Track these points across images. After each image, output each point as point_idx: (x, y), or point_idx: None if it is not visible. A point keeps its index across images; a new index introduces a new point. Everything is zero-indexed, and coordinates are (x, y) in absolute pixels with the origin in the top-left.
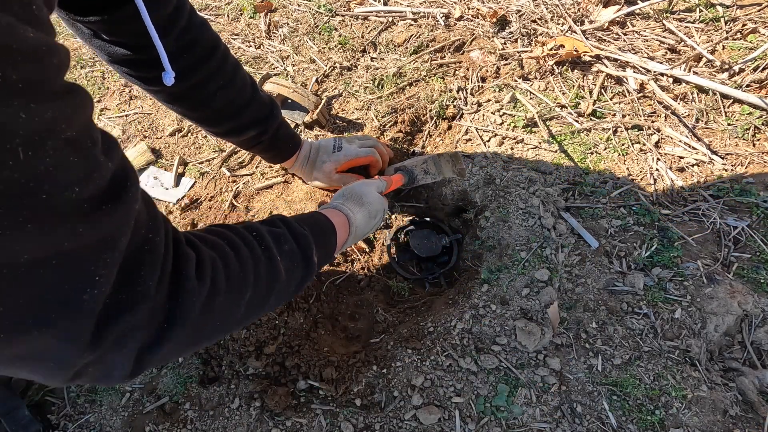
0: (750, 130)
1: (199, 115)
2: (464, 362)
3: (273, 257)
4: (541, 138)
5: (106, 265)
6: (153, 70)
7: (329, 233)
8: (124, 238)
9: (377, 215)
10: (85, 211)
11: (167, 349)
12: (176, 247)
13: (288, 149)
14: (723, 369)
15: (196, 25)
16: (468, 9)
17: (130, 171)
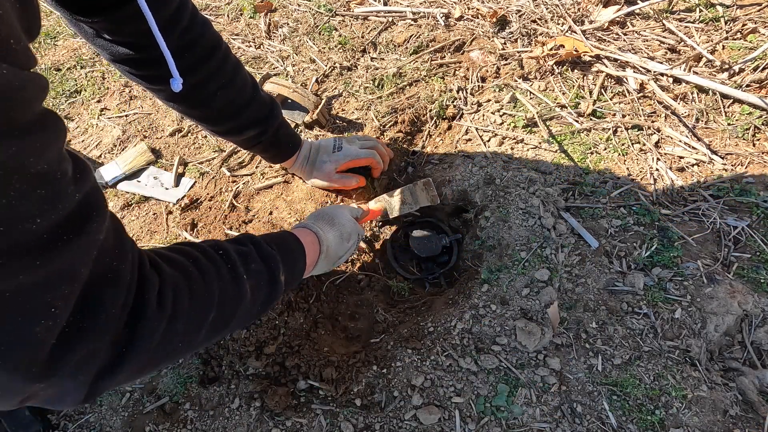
0: (750, 130)
1: (200, 114)
2: (464, 362)
3: (239, 276)
4: (541, 138)
5: (64, 297)
6: (155, 69)
7: (298, 253)
8: (84, 269)
9: (350, 238)
10: (44, 243)
11: (124, 375)
12: (140, 272)
13: (288, 149)
14: (723, 369)
15: (198, 25)
16: (468, 9)
17: (99, 201)
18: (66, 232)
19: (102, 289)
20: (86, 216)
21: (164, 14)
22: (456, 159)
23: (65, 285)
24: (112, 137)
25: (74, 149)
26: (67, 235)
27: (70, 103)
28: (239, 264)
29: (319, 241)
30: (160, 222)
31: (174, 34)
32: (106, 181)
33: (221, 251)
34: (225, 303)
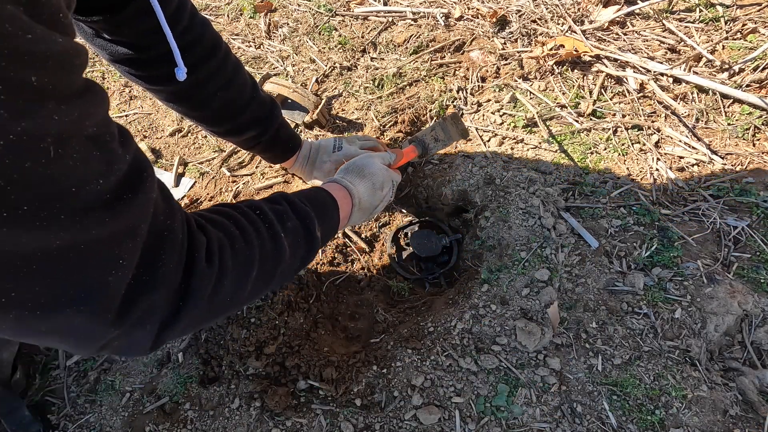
0: (750, 130)
1: (199, 115)
2: (464, 362)
3: (277, 235)
4: (541, 138)
5: (129, 250)
6: (154, 69)
7: (331, 208)
8: (144, 225)
9: (384, 187)
10: (109, 202)
11: (183, 326)
12: (189, 231)
13: (288, 149)
14: (723, 369)
15: (198, 25)
16: (468, 9)
17: (146, 162)
18: (125, 191)
19: (160, 245)
20: (139, 176)
21: (164, 14)
22: (456, 159)
23: (129, 240)
24: None
25: None
26: (126, 194)
27: None
28: (276, 223)
29: (350, 195)
30: None
31: (174, 34)
32: None
33: (258, 211)
34: (266, 260)
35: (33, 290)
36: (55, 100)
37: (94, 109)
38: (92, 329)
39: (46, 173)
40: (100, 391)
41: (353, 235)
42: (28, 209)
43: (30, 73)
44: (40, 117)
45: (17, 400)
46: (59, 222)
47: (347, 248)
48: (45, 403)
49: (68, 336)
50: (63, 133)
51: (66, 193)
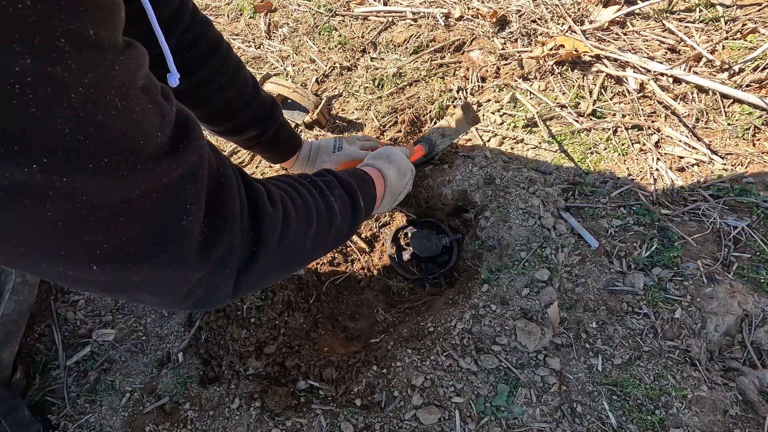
0: (750, 130)
1: (199, 114)
2: (464, 362)
3: (328, 198)
4: (541, 138)
5: (194, 195)
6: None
7: (370, 184)
8: (202, 170)
9: (407, 174)
10: (170, 151)
11: (258, 271)
12: (243, 179)
13: (288, 149)
14: (723, 369)
15: (199, 24)
16: (468, 9)
17: (189, 113)
18: (180, 140)
19: (219, 190)
20: (187, 124)
21: (165, 13)
22: (456, 159)
23: (192, 185)
24: None
25: None
26: (182, 142)
27: None
28: (325, 189)
29: (383, 176)
30: None
31: (175, 33)
32: None
33: (308, 179)
34: (321, 219)
35: (122, 240)
36: (113, 52)
37: (139, 62)
38: (178, 275)
39: (116, 126)
40: (100, 391)
41: (353, 235)
42: (108, 161)
43: (88, 25)
44: (104, 68)
45: (17, 400)
46: (136, 172)
47: (347, 248)
48: (45, 403)
49: (158, 285)
50: (123, 84)
51: (137, 145)
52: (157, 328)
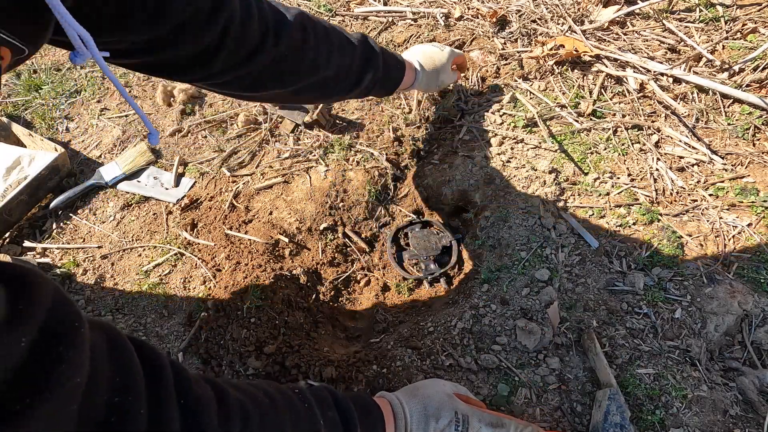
0: (750, 130)
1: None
2: (464, 362)
3: (315, 418)
4: (541, 138)
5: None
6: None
7: (376, 416)
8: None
9: (440, 416)
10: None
11: None
12: (184, 390)
13: (398, 75)
14: (723, 369)
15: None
16: (468, 9)
17: (67, 326)
18: (19, 400)
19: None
20: (50, 359)
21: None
22: (456, 159)
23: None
24: (112, 137)
25: (11, 263)
26: (22, 402)
27: (70, 103)
28: (315, 406)
29: (393, 413)
30: (160, 222)
31: (268, 57)
32: (106, 181)
33: (297, 389)
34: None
35: None
36: None
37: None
38: None
39: None
40: None
41: (353, 235)
42: None
43: None
44: None
45: None
46: None
47: (347, 248)
48: None
49: None
50: None
51: None
52: (157, 327)
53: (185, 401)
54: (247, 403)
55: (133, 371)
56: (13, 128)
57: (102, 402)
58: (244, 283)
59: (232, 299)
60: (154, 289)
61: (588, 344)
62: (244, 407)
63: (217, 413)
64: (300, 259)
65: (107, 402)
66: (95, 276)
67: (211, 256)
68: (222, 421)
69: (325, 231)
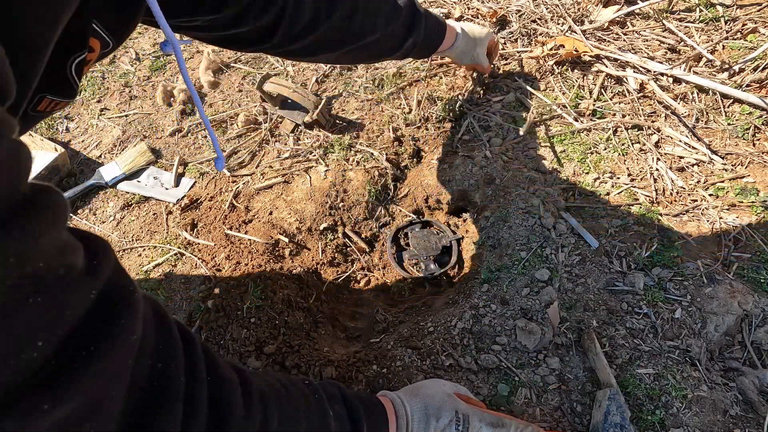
0: (750, 130)
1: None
2: (464, 362)
3: (325, 411)
4: (541, 138)
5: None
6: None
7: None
8: (117, 389)
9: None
10: (53, 373)
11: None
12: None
13: (439, 38)
14: (723, 369)
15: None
16: (468, 9)
17: (125, 287)
18: (83, 347)
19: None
20: (111, 316)
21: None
22: (456, 159)
23: (90, 422)
24: (112, 137)
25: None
26: (86, 349)
27: None
28: (325, 400)
29: (396, 415)
30: (160, 222)
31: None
32: (106, 181)
33: (307, 382)
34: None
35: None
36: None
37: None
38: None
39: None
40: None
41: (353, 235)
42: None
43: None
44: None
45: None
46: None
47: (347, 248)
48: None
49: None
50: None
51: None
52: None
53: (212, 379)
54: (267, 391)
55: (175, 342)
56: None
57: (147, 366)
58: (244, 283)
59: (232, 299)
60: (155, 289)
61: (588, 344)
62: (264, 394)
63: (241, 395)
64: (300, 259)
65: (151, 366)
66: None
67: (211, 256)
68: (246, 404)
69: (325, 231)
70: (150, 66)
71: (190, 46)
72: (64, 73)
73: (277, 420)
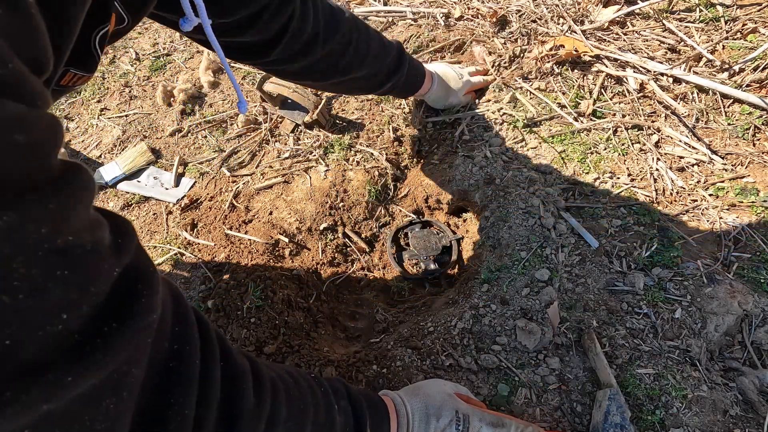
0: (750, 130)
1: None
2: (464, 362)
3: (331, 405)
4: (541, 138)
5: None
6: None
7: (383, 414)
8: (137, 369)
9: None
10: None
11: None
12: (225, 356)
13: (417, 84)
14: (723, 369)
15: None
16: (468, 9)
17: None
18: (106, 323)
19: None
20: (132, 294)
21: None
22: (456, 159)
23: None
24: (112, 137)
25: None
26: (109, 326)
27: (70, 103)
28: (331, 393)
29: (397, 413)
30: (160, 222)
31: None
32: (106, 181)
33: (313, 375)
34: (319, 424)
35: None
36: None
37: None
38: None
39: None
40: None
41: (353, 235)
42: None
43: None
44: None
45: None
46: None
47: (347, 248)
48: None
49: None
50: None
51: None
52: None
53: (225, 365)
54: (277, 381)
55: (191, 325)
56: None
57: (165, 347)
58: (244, 283)
59: (232, 299)
60: None
61: (588, 344)
62: (275, 384)
63: (252, 384)
64: (300, 259)
65: (169, 347)
66: None
67: (211, 256)
68: (256, 392)
69: (325, 231)
70: (150, 66)
71: (189, 46)
72: (88, 46)
73: (286, 409)
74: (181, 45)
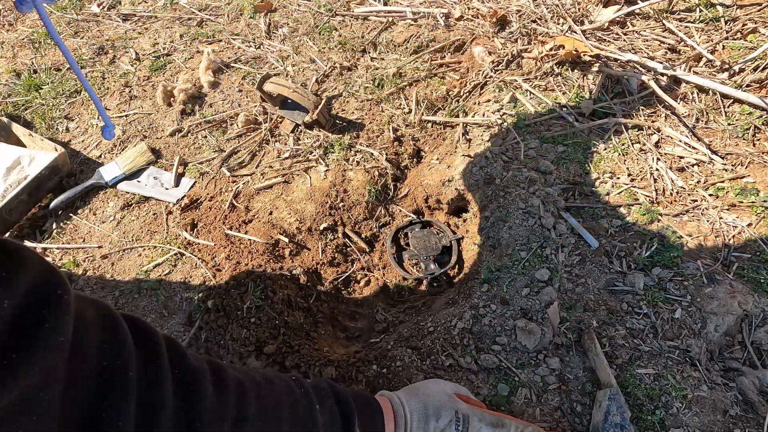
0: (750, 130)
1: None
2: (464, 362)
3: (311, 404)
4: (541, 138)
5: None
6: None
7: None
8: (44, 394)
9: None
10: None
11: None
12: (176, 362)
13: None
14: (723, 369)
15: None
16: (468, 9)
17: (53, 293)
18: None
19: (95, 399)
20: (36, 321)
21: None
22: (456, 159)
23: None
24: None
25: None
26: (12, 354)
27: (70, 103)
28: (312, 393)
29: (394, 412)
30: (160, 222)
31: None
32: (106, 181)
33: (294, 377)
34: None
35: None
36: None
37: None
38: None
39: None
40: None
41: (353, 235)
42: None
43: None
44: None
45: None
46: None
47: (347, 248)
48: None
49: None
50: None
51: None
52: (157, 327)
53: (179, 371)
54: (245, 381)
55: (121, 339)
56: (13, 128)
57: (92, 365)
58: (244, 283)
59: (232, 299)
60: (154, 289)
61: (588, 344)
62: (241, 383)
63: (212, 383)
64: (300, 259)
65: (96, 365)
66: (95, 276)
67: (211, 256)
68: (216, 391)
69: (325, 231)
70: (150, 66)
71: (189, 46)
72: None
73: (255, 407)
74: (181, 45)
